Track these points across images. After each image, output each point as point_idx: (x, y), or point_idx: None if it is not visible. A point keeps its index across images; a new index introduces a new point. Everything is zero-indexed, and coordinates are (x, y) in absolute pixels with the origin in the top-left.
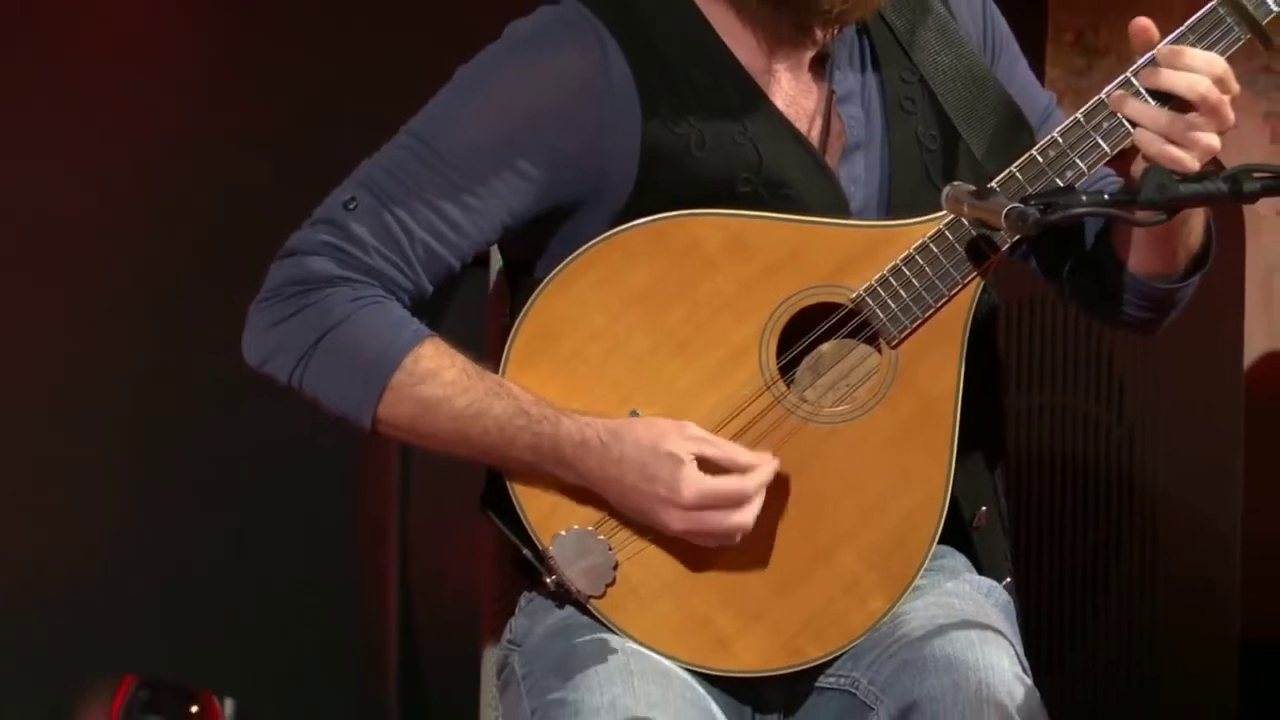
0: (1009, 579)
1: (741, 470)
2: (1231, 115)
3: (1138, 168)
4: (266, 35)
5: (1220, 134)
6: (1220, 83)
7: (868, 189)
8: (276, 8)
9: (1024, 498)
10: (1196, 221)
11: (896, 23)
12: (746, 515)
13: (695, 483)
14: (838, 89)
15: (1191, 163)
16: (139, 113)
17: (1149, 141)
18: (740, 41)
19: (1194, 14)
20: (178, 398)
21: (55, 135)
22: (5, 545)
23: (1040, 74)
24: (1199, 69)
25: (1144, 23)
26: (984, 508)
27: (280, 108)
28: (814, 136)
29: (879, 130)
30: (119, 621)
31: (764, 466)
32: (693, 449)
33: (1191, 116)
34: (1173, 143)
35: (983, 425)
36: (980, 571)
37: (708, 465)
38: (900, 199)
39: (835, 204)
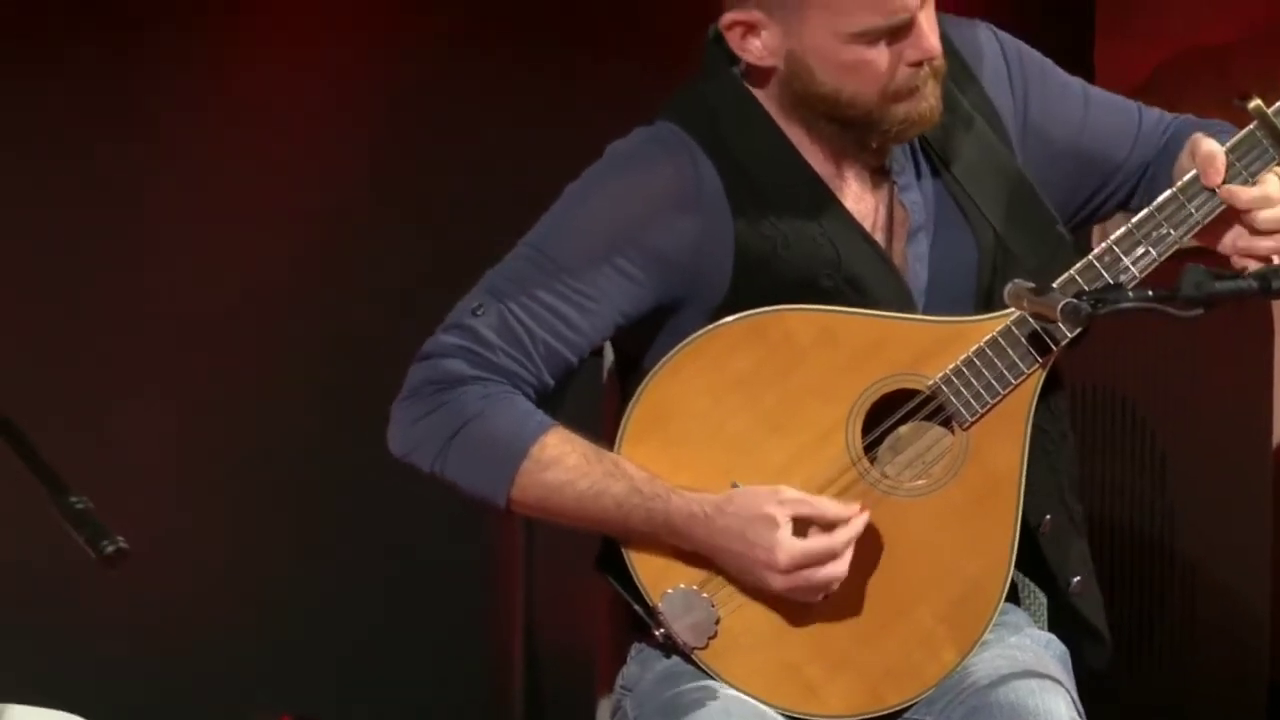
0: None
1: (831, 524)
2: None
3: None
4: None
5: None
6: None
7: (921, 278)
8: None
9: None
10: None
11: (937, 145)
12: (838, 568)
13: (789, 547)
14: (898, 180)
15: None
16: (308, 196)
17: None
18: (812, 152)
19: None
20: (337, 463)
21: (247, 207)
22: (170, 591)
23: None
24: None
25: (1206, 148)
26: (1049, 515)
27: (439, 199)
28: (880, 228)
29: (931, 213)
30: (274, 663)
31: (852, 522)
32: (788, 511)
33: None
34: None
35: (1044, 486)
36: (1053, 574)
37: (802, 524)
38: (957, 277)
39: (900, 293)
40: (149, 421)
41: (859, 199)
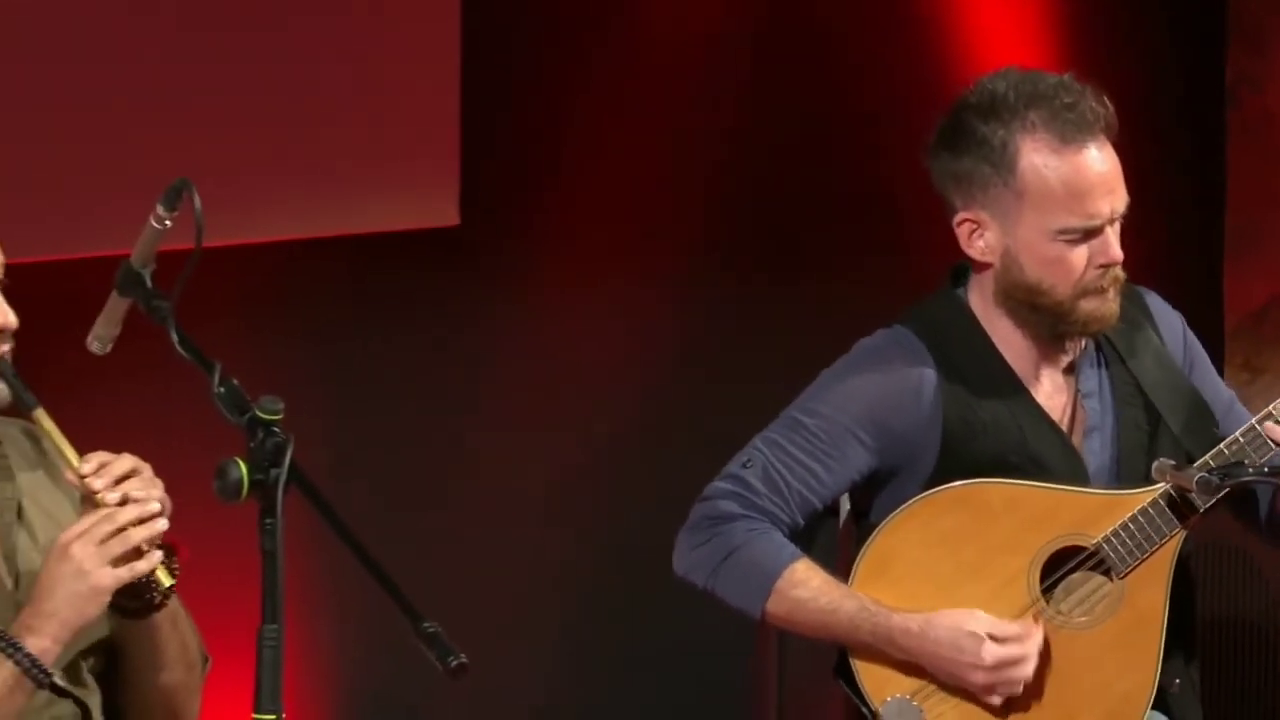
0: None
1: (1020, 640)
2: None
3: None
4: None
5: None
6: None
7: (1100, 458)
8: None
9: (1211, 671)
10: None
11: (1119, 342)
12: (1026, 670)
13: (992, 650)
14: (1081, 388)
15: None
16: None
17: None
18: (1011, 348)
19: None
20: (641, 582)
21: (561, 406)
22: (505, 690)
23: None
24: None
25: None
26: (1178, 680)
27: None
28: (1064, 422)
29: (1110, 417)
30: None
31: (1034, 635)
32: (986, 627)
33: None
34: None
35: (1181, 625)
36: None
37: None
38: (1126, 468)
39: (1077, 472)
40: (499, 538)
41: (1049, 397)
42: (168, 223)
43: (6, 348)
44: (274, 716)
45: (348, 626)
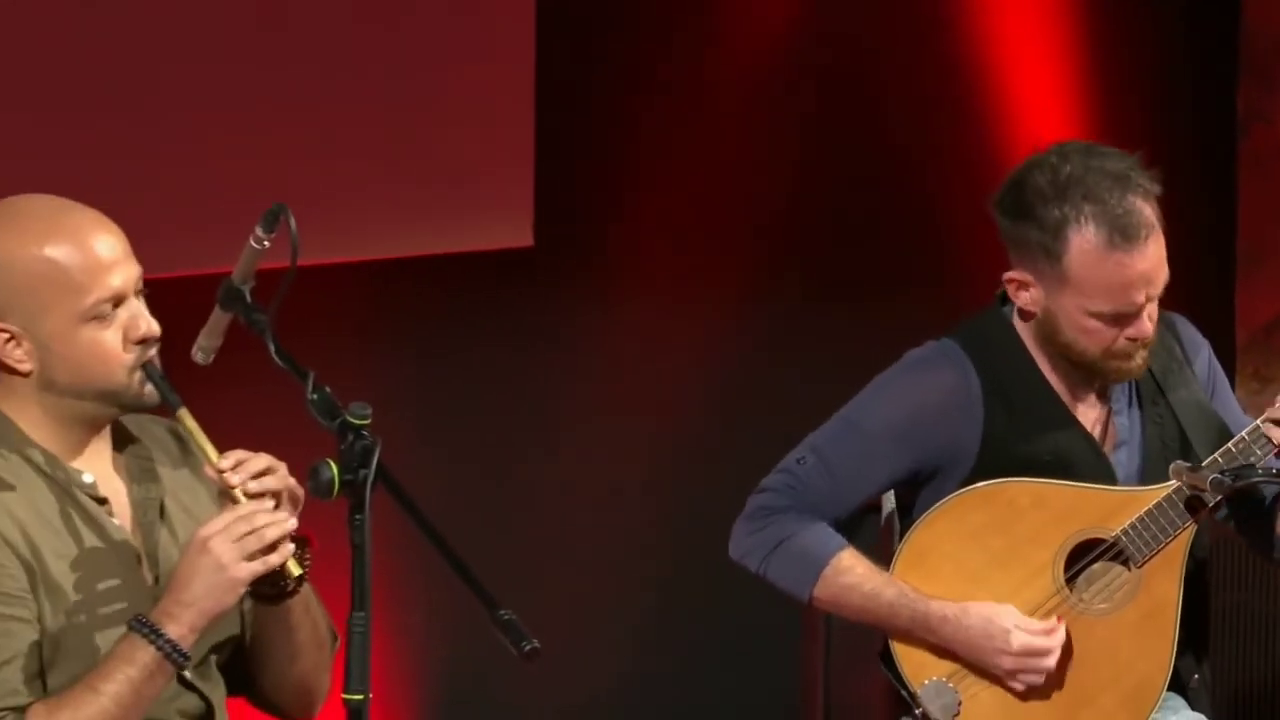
0: (1211, 717)
1: (1046, 634)
2: None
3: None
4: None
5: None
6: None
7: (1128, 469)
8: None
9: (1225, 662)
10: None
11: (1153, 364)
12: (1049, 661)
13: (1020, 638)
14: (1113, 405)
15: None
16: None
17: None
18: (1053, 376)
19: None
20: (699, 569)
21: (619, 421)
22: (574, 676)
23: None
24: None
25: None
26: (1195, 672)
27: None
28: (1097, 435)
29: (1138, 434)
30: (648, 713)
31: (1058, 631)
32: (1014, 620)
33: None
34: None
35: (1196, 618)
36: (1194, 709)
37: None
38: (1150, 480)
39: (1108, 479)
40: (571, 535)
41: (1084, 412)
42: (266, 243)
43: (153, 353)
44: (362, 696)
45: (430, 614)
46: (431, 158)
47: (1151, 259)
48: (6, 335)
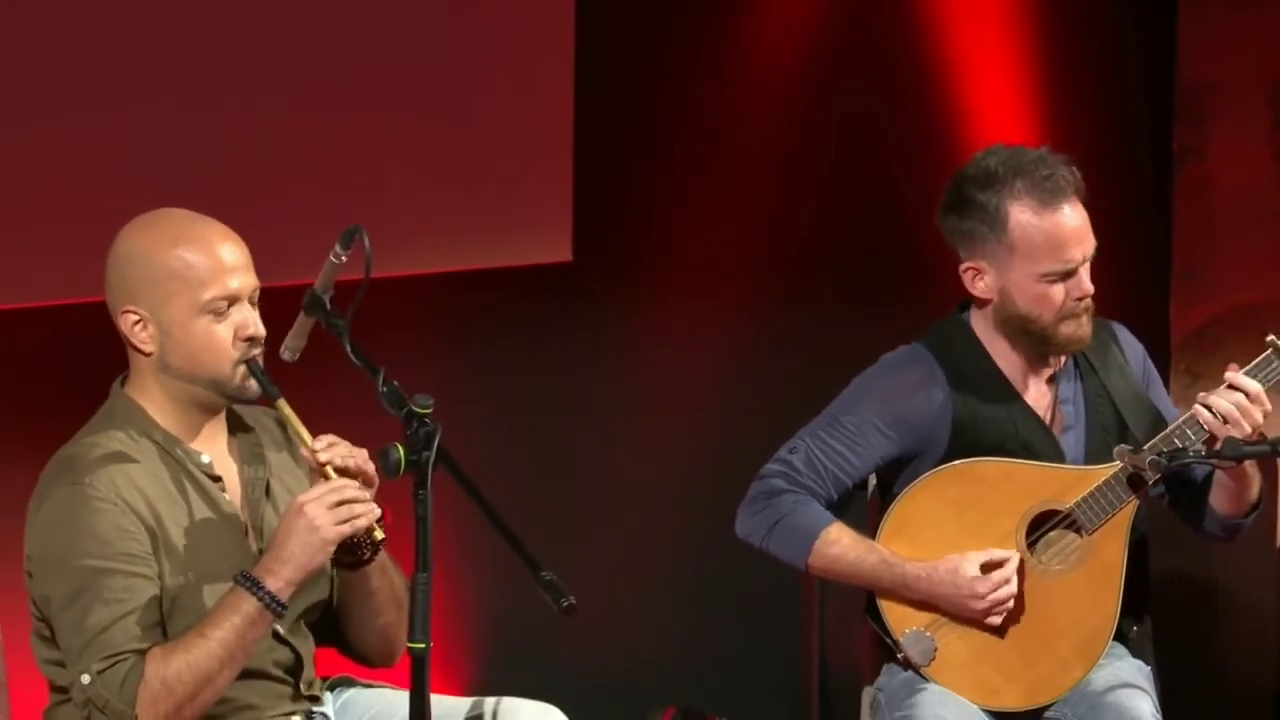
0: (1152, 665)
1: (1003, 565)
2: (1252, 421)
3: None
4: None
5: (1254, 428)
6: (1255, 401)
7: (1075, 450)
8: None
9: (1162, 617)
10: (1255, 486)
11: (1094, 360)
12: (1010, 590)
13: (982, 581)
14: (1061, 395)
15: (1241, 431)
16: None
17: (1216, 427)
18: (1006, 362)
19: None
20: (718, 543)
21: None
22: (606, 628)
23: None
24: (1239, 394)
25: (1232, 370)
26: (1135, 626)
27: None
28: (1047, 420)
29: (1083, 420)
30: (669, 661)
31: (1014, 561)
32: (977, 560)
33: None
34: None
35: (1137, 578)
36: (1136, 657)
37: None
38: (1093, 459)
39: (1058, 458)
40: (604, 511)
41: (1035, 400)
42: (344, 259)
43: (257, 352)
44: (424, 645)
45: (483, 575)
46: (479, 182)
47: (1081, 217)
48: (136, 318)
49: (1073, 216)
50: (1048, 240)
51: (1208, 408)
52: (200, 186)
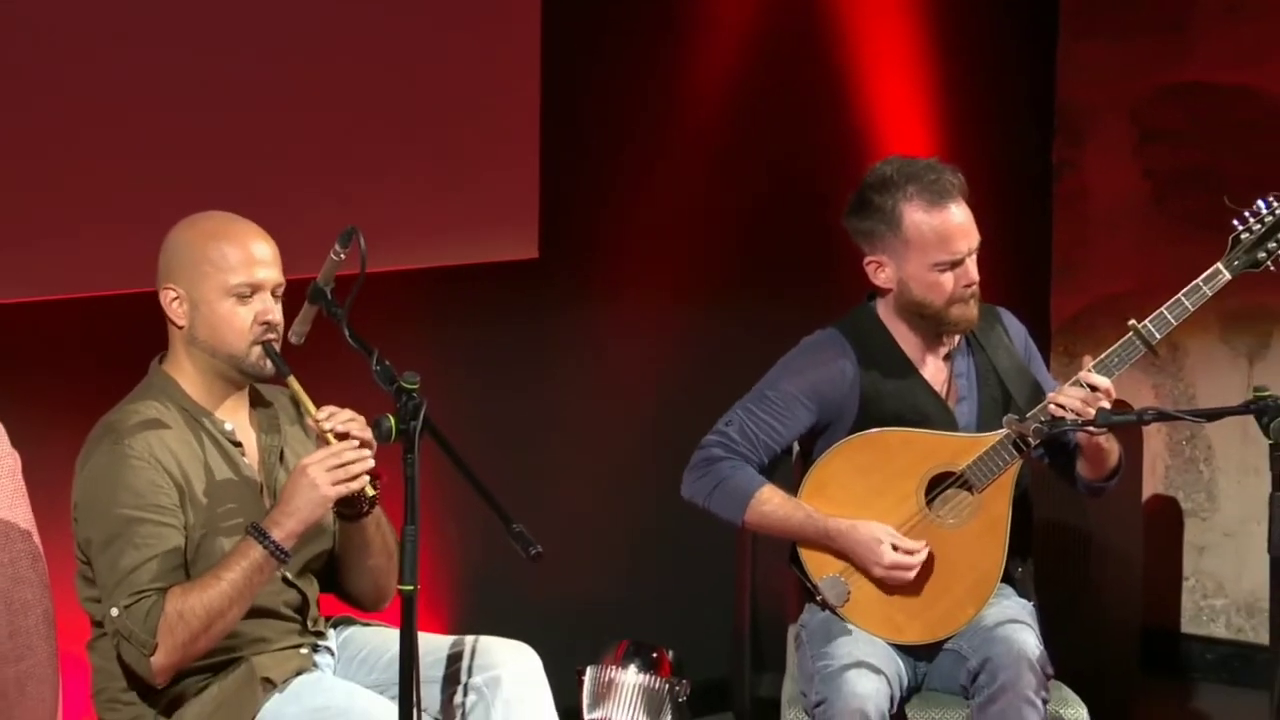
0: (1035, 603)
1: (912, 554)
2: (1094, 409)
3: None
4: None
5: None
6: (1096, 393)
7: (967, 419)
8: None
9: (1042, 562)
10: (1114, 457)
11: (983, 340)
12: (909, 575)
13: (889, 555)
14: (955, 371)
15: (1088, 414)
16: None
17: (1073, 408)
18: (907, 343)
19: (1117, 341)
20: (669, 501)
21: (611, 393)
22: (569, 570)
23: (1048, 363)
24: (1085, 389)
25: (1086, 360)
26: (1019, 569)
27: None
28: (943, 393)
29: (974, 392)
30: (622, 603)
31: (920, 553)
32: (891, 539)
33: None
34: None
35: (1021, 528)
36: (1020, 596)
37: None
38: (984, 426)
39: (951, 427)
40: (566, 473)
41: (933, 376)
42: (342, 255)
43: (273, 336)
44: (412, 587)
45: (462, 527)
46: (456, 188)
47: (966, 214)
48: (174, 294)
49: (958, 214)
50: (937, 235)
51: (1060, 405)
52: (210, 191)
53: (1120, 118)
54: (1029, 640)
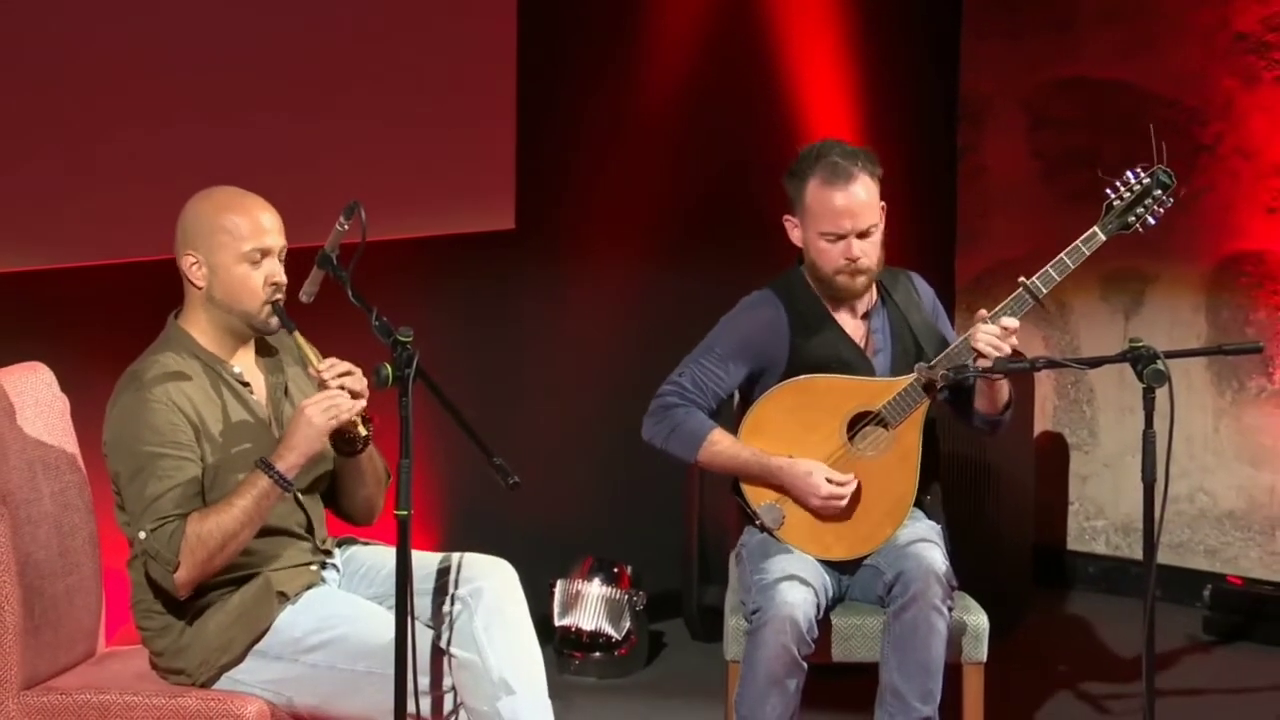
0: (942, 524)
1: (843, 485)
2: (1000, 350)
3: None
4: None
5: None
6: (1003, 334)
7: (883, 367)
8: None
9: (948, 489)
10: (1005, 394)
11: (897, 298)
12: (841, 504)
13: (824, 487)
14: (872, 325)
15: (1000, 353)
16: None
17: (984, 348)
18: (827, 302)
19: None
20: (632, 439)
21: (575, 359)
22: (542, 495)
23: (952, 320)
24: (992, 329)
25: (981, 313)
26: (928, 496)
27: None
28: (862, 344)
29: (889, 344)
30: (588, 526)
31: (850, 484)
32: (825, 473)
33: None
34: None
35: (929, 460)
36: (930, 519)
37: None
38: (897, 373)
39: (870, 373)
40: (540, 415)
41: (853, 330)
42: (345, 226)
43: (280, 296)
44: (406, 512)
45: (449, 460)
46: (438, 164)
47: (854, 198)
48: (194, 260)
49: (845, 197)
50: (824, 209)
51: (978, 341)
52: (217, 171)
53: (1015, 107)
54: (936, 556)
